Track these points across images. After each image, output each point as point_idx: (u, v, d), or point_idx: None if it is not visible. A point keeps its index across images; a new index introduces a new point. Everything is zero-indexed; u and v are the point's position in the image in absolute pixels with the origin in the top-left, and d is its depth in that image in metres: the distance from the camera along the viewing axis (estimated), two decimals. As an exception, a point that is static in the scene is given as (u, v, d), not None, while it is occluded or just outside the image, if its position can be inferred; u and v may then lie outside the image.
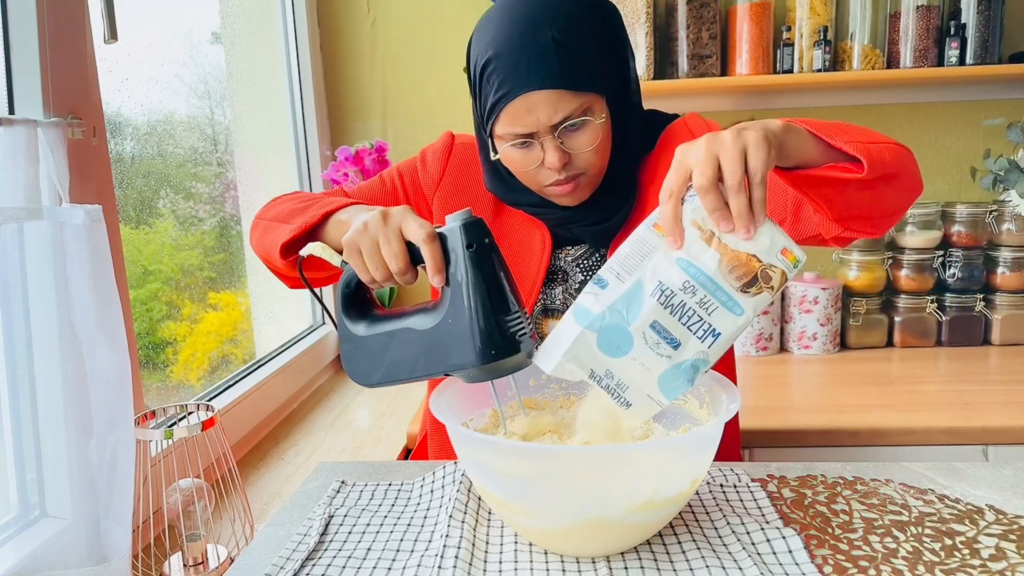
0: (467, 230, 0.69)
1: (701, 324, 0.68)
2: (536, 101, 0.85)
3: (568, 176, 0.90)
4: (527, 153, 0.90)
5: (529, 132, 0.87)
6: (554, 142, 0.87)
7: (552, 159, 0.88)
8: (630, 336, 0.69)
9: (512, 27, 0.86)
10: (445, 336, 0.71)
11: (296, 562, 0.72)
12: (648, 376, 0.70)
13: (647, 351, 0.69)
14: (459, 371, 0.72)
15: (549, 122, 0.86)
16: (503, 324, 0.69)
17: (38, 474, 0.93)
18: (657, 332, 0.68)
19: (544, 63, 0.84)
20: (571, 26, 0.85)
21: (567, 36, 0.85)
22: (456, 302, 0.69)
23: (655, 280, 0.68)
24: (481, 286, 0.69)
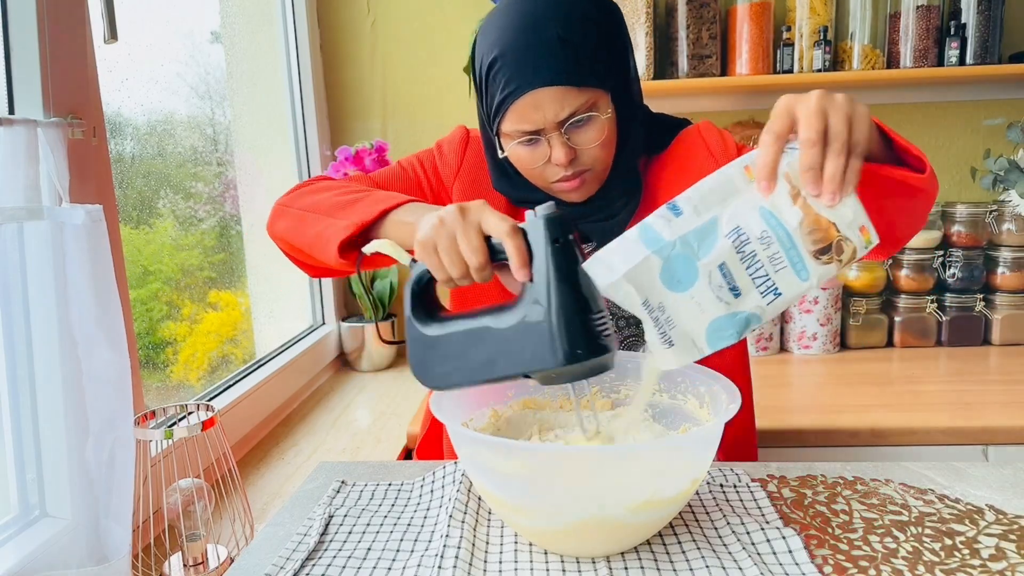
0: (551, 224, 0.66)
1: (766, 280, 0.66)
2: (543, 98, 0.86)
3: (575, 172, 0.91)
4: (534, 150, 0.90)
5: (536, 129, 0.88)
6: (561, 138, 0.88)
7: (559, 155, 0.88)
8: (696, 272, 0.65)
9: (517, 26, 0.86)
10: (527, 335, 0.67)
11: (296, 562, 0.72)
12: (700, 319, 0.66)
13: (707, 292, 0.66)
14: (540, 372, 0.68)
15: (556, 118, 0.86)
16: (588, 323, 0.65)
17: (38, 474, 0.93)
18: (723, 275, 0.65)
19: (549, 60, 0.85)
20: (575, 23, 0.86)
21: (571, 33, 0.85)
22: (539, 300, 0.66)
23: (733, 223, 0.65)
24: (566, 283, 0.65)
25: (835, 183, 0.63)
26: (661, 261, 0.65)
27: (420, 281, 0.74)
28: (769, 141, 0.65)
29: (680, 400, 0.84)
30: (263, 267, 1.75)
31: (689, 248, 0.65)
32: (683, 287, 0.66)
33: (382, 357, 1.98)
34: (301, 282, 1.95)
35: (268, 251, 1.78)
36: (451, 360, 0.72)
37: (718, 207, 0.66)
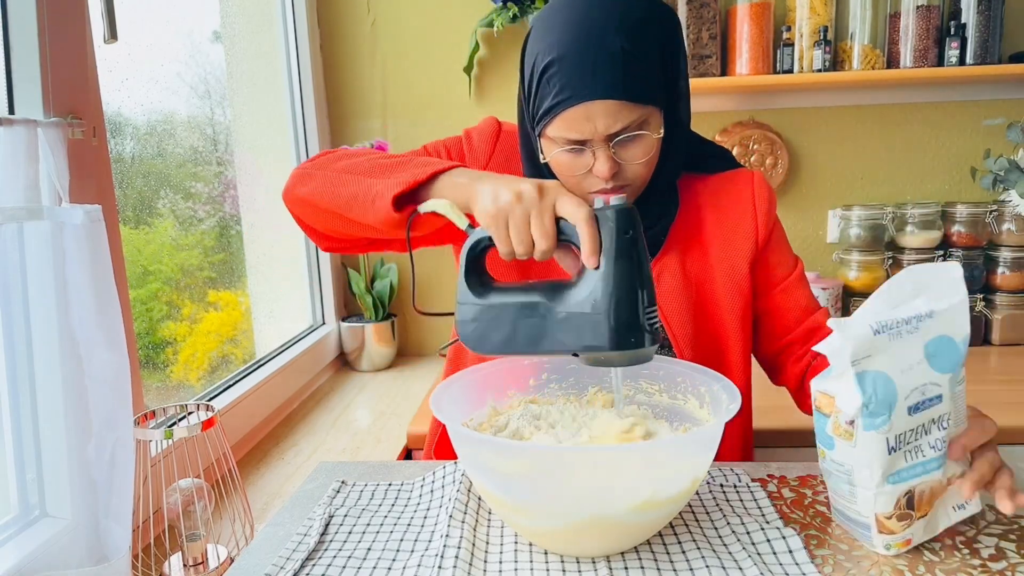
0: (623, 216, 0.69)
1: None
2: (597, 110, 0.83)
3: (615, 186, 0.89)
4: (577, 159, 0.88)
5: (584, 139, 0.86)
6: (607, 151, 0.86)
7: (602, 169, 0.86)
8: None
9: (578, 30, 0.83)
10: (584, 316, 0.70)
11: (296, 562, 0.72)
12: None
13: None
14: (590, 352, 0.71)
15: (607, 131, 0.84)
16: (644, 314, 0.69)
17: (38, 474, 0.93)
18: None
19: (610, 72, 0.82)
20: (639, 35, 0.83)
21: (635, 45, 0.83)
22: (600, 284, 0.69)
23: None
24: (629, 274, 0.69)
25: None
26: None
27: (476, 248, 0.75)
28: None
29: (680, 400, 0.84)
30: (263, 267, 1.75)
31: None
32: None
33: (382, 357, 1.98)
34: (301, 282, 1.95)
35: (268, 251, 1.78)
36: (502, 329, 0.74)
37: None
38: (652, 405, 0.87)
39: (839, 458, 0.72)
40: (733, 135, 1.93)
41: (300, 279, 1.95)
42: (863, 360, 0.67)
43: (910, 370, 0.68)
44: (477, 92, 2.00)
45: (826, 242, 2.03)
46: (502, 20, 1.85)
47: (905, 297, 0.72)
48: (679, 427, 0.84)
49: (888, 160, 1.98)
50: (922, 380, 0.69)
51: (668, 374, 0.86)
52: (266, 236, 1.77)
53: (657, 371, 0.87)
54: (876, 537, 0.71)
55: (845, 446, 0.71)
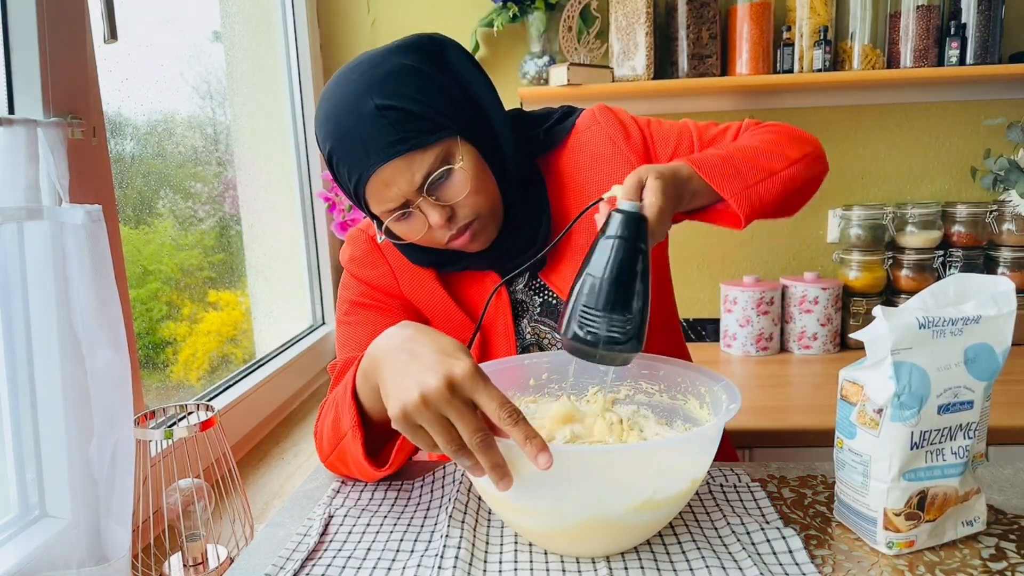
0: (626, 222, 0.71)
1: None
2: (387, 174, 0.81)
3: (461, 227, 0.86)
4: (411, 222, 0.86)
5: (401, 202, 0.84)
6: (428, 202, 0.83)
7: (435, 218, 0.84)
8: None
9: (338, 109, 0.81)
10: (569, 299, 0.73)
11: (296, 562, 0.72)
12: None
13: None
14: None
15: (412, 187, 0.82)
16: (585, 313, 0.71)
17: (38, 474, 0.93)
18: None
19: (376, 136, 0.79)
20: (391, 85, 0.80)
21: (389, 98, 0.80)
22: (580, 273, 0.72)
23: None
24: (603, 271, 0.70)
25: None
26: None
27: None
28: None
29: (680, 400, 0.84)
30: (263, 267, 1.75)
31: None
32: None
33: (382, 357, 1.98)
34: (301, 282, 1.95)
35: (268, 251, 1.78)
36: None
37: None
38: (652, 405, 0.87)
39: (858, 448, 0.72)
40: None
41: (300, 279, 1.95)
42: (903, 351, 0.68)
43: (947, 370, 0.69)
44: (477, 92, 2.00)
45: (826, 242, 2.03)
46: (502, 20, 1.85)
47: (947, 302, 0.73)
48: (679, 427, 0.84)
49: (888, 160, 1.98)
50: (957, 382, 0.69)
51: (668, 374, 0.86)
52: (266, 236, 1.77)
53: (657, 371, 0.87)
54: (880, 533, 0.71)
55: (867, 436, 0.71)
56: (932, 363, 0.69)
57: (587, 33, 1.86)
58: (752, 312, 1.89)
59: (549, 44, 1.90)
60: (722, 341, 1.98)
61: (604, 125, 0.98)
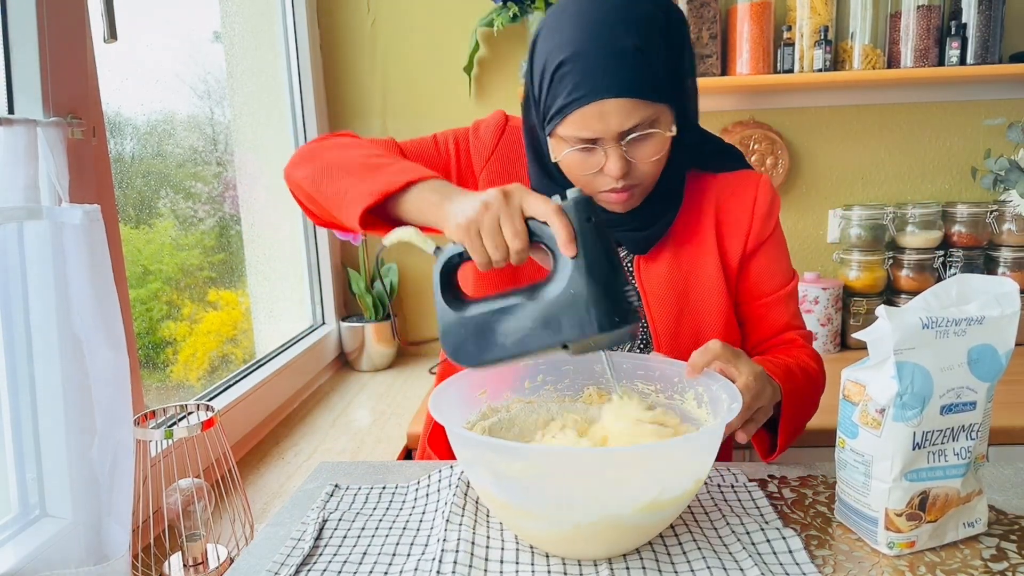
0: (583, 205, 0.71)
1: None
2: (609, 108, 0.83)
3: (625, 185, 0.88)
4: (588, 158, 0.87)
5: (595, 138, 0.85)
6: (618, 150, 0.85)
7: (614, 168, 0.86)
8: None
9: (590, 28, 0.83)
10: (565, 307, 0.71)
11: (291, 567, 0.72)
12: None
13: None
14: (577, 341, 0.72)
15: (619, 129, 0.84)
16: (623, 293, 0.71)
17: (38, 474, 0.93)
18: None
19: (623, 70, 0.82)
20: (649, 33, 0.83)
21: (646, 43, 0.82)
22: (575, 273, 0.70)
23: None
24: (603, 256, 0.71)
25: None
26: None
27: (449, 265, 0.76)
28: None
29: (678, 400, 0.84)
30: (263, 267, 1.75)
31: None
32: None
33: (382, 357, 1.98)
34: (301, 282, 1.95)
35: (268, 251, 1.78)
36: (486, 338, 0.75)
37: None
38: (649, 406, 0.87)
39: (860, 447, 0.72)
40: (733, 135, 1.93)
41: (300, 279, 1.95)
42: (906, 351, 0.68)
43: (950, 370, 0.69)
44: (477, 92, 2.00)
45: (826, 242, 2.03)
46: (502, 20, 1.84)
47: (950, 303, 0.73)
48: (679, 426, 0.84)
49: (888, 160, 1.98)
50: (960, 383, 0.69)
51: (664, 374, 0.86)
52: (266, 236, 1.77)
53: (653, 371, 0.87)
54: (881, 533, 0.71)
55: (870, 435, 0.71)
56: (935, 363, 0.69)
57: (587, 33, 1.86)
58: (752, 312, 1.89)
59: (549, 44, 1.89)
60: (722, 341, 1.98)
61: (760, 194, 1.00)
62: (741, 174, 1.02)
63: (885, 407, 0.69)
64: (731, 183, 1.01)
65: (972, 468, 0.72)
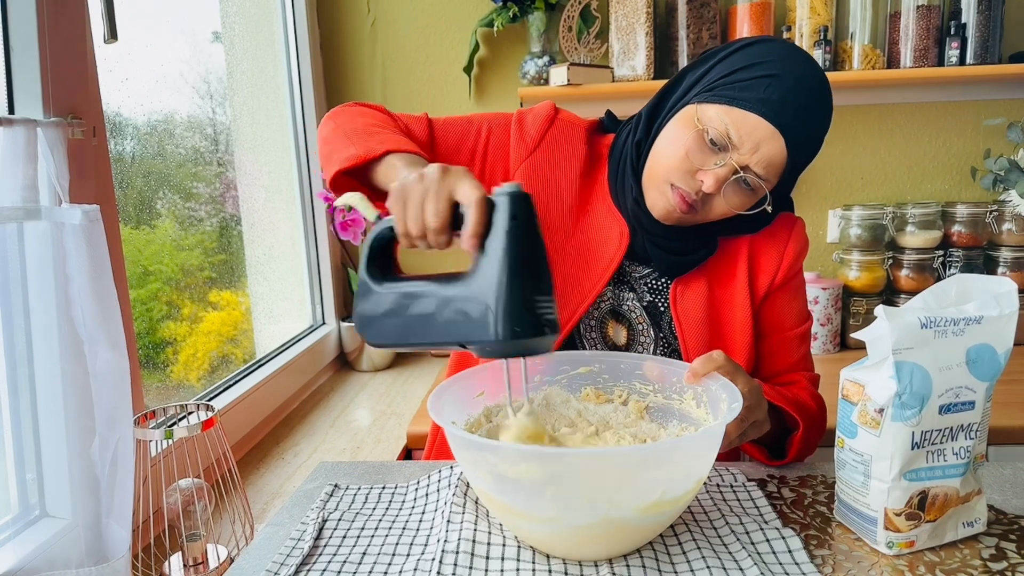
0: (514, 201, 0.66)
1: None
2: (765, 133, 0.84)
3: (699, 201, 0.89)
4: (701, 150, 0.87)
5: (735, 144, 0.85)
6: (729, 175, 0.86)
7: (709, 182, 0.86)
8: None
9: (801, 72, 0.85)
10: (470, 305, 0.66)
11: (290, 567, 0.72)
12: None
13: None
14: (475, 344, 0.68)
15: (750, 155, 0.85)
16: (531, 303, 0.65)
17: (38, 474, 0.93)
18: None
19: (800, 118, 0.84)
20: (822, 126, 0.88)
21: (821, 118, 0.87)
22: (488, 272, 0.65)
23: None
24: (517, 260, 0.65)
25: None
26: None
27: (381, 237, 0.74)
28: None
29: (676, 400, 0.84)
30: (263, 267, 1.75)
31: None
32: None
33: (382, 357, 1.98)
34: (301, 282, 1.95)
35: (268, 251, 1.78)
36: (391, 318, 0.73)
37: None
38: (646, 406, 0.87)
39: (859, 447, 0.72)
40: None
41: (300, 279, 1.95)
42: (905, 350, 0.68)
43: (948, 370, 0.69)
44: (477, 92, 2.00)
45: (826, 242, 2.03)
46: (502, 20, 1.84)
47: (949, 302, 0.73)
48: (677, 427, 0.84)
49: (888, 160, 1.98)
50: (959, 383, 0.69)
51: (664, 374, 0.86)
52: (266, 236, 1.77)
53: (652, 371, 0.87)
54: (881, 533, 0.71)
55: (868, 435, 0.71)
56: (934, 363, 0.69)
57: (587, 33, 1.86)
58: (752, 312, 1.89)
59: (549, 44, 1.90)
60: (722, 341, 1.98)
61: (794, 239, 1.03)
62: (780, 217, 1.03)
63: (884, 407, 0.69)
64: (767, 232, 1.02)
65: (971, 468, 0.72)
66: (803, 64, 0.86)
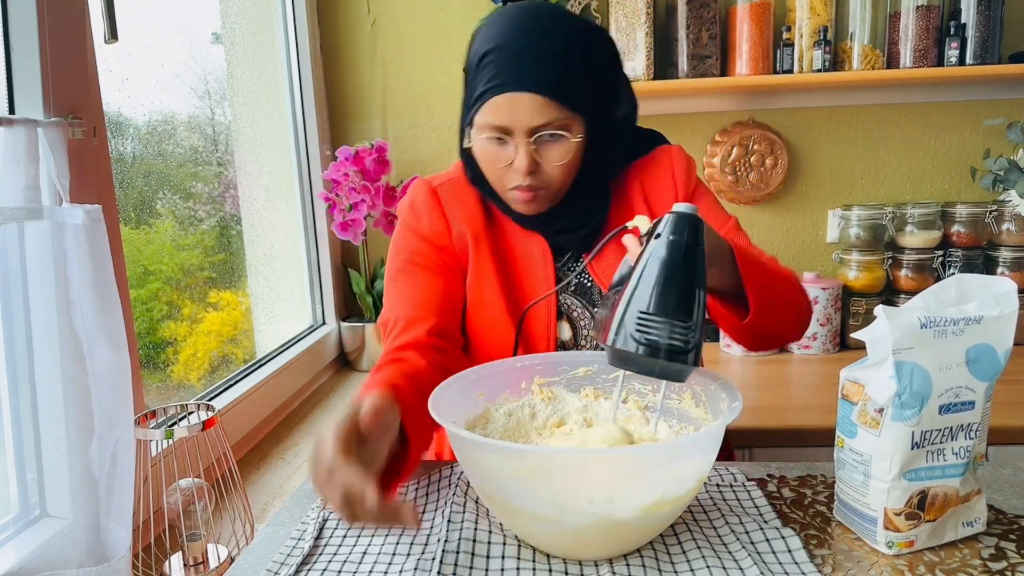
0: (676, 220, 0.70)
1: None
2: (524, 102, 0.87)
3: (531, 185, 0.92)
4: (500, 150, 0.91)
5: (507, 128, 0.89)
6: (527, 146, 0.89)
7: (521, 162, 0.90)
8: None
9: (520, 27, 0.88)
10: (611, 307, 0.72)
11: (291, 567, 0.72)
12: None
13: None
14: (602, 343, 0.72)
15: (530, 124, 0.88)
16: (647, 321, 0.67)
17: (38, 474, 0.93)
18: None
19: (541, 67, 0.87)
20: (573, 44, 0.88)
21: (568, 51, 0.88)
22: (626, 279, 0.71)
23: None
24: (650, 276, 0.68)
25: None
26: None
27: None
28: None
29: (675, 400, 0.84)
30: (263, 267, 1.75)
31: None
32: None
33: (382, 357, 1.98)
34: (301, 282, 1.95)
35: (268, 251, 1.78)
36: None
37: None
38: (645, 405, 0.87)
39: (859, 447, 0.72)
40: (733, 135, 1.93)
41: (300, 279, 1.95)
42: (904, 350, 0.68)
43: (948, 370, 0.69)
44: (477, 92, 2.00)
45: (826, 242, 2.03)
46: (502, 20, 1.84)
47: (949, 302, 0.73)
48: (676, 426, 0.84)
49: (888, 160, 1.98)
50: (958, 382, 0.70)
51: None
52: (266, 236, 1.77)
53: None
54: (880, 533, 0.71)
55: (868, 435, 0.71)
56: (933, 363, 0.69)
57: (587, 33, 1.86)
58: (752, 312, 1.89)
59: (549, 44, 1.89)
60: (722, 341, 1.98)
61: (675, 163, 1.04)
62: (656, 152, 1.06)
63: (884, 407, 0.69)
64: (649, 164, 1.05)
65: (971, 467, 0.73)
66: (519, 12, 0.90)
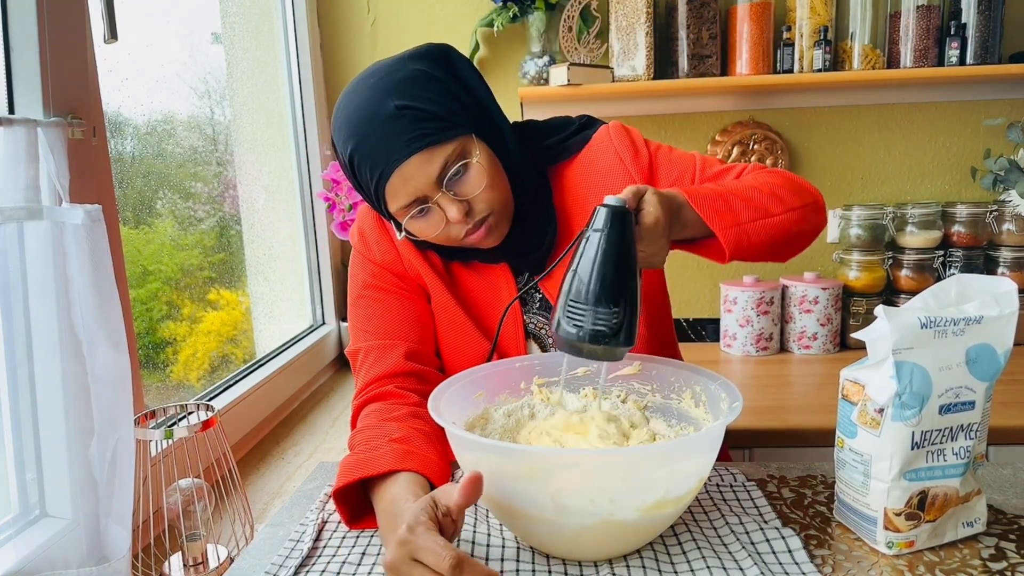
0: (604, 215, 0.73)
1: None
2: (408, 171, 0.84)
3: (476, 222, 0.89)
4: (430, 218, 0.89)
5: (417, 196, 0.86)
6: (446, 197, 0.87)
7: (453, 212, 0.87)
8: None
9: (359, 112, 0.86)
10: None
11: (290, 568, 0.72)
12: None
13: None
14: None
15: (430, 178, 0.85)
16: (571, 308, 0.72)
17: (38, 474, 0.93)
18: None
19: (397, 134, 0.84)
20: (407, 88, 0.85)
21: (408, 99, 0.84)
22: (566, 271, 0.75)
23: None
24: (578, 267, 0.73)
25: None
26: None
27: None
28: None
29: (674, 400, 0.84)
30: (263, 267, 1.75)
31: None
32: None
33: (382, 357, 1.98)
34: (301, 282, 1.95)
35: (268, 251, 1.78)
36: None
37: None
38: (645, 405, 0.87)
39: (859, 447, 0.72)
40: (733, 135, 1.93)
41: (300, 279, 1.95)
42: (905, 351, 0.68)
43: (948, 370, 0.69)
44: (477, 92, 2.00)
45: (826, 242, 2.03)
46: (502, 20, 1.84)
47: (949, 302, 0.73)
48: (675, 426, 0.84)
49: (888, 160, 1.98)
50: (958, 382, 0.70)
51: (661, 374, 0.86)
52: (266, 236, 1.77)
53: (650, 371, 0.87)
54: (880, 533, 0.71)
55: (868, 435, 0.71)
56: (934, 363, 0.69)
57: (587, 33, 1.86)
58: (752, 312, 1.89)
59: (549, 44, 1.89)
60: (722, 341, 1.98)
61: (616, 142, 1.01)
62: (593, 140, 1.02)
63: (884, 407, 0.69)
64: (592, 156, 1.01)
65: (971, 468, 0.73)
66: (352, 97, 0.87)
